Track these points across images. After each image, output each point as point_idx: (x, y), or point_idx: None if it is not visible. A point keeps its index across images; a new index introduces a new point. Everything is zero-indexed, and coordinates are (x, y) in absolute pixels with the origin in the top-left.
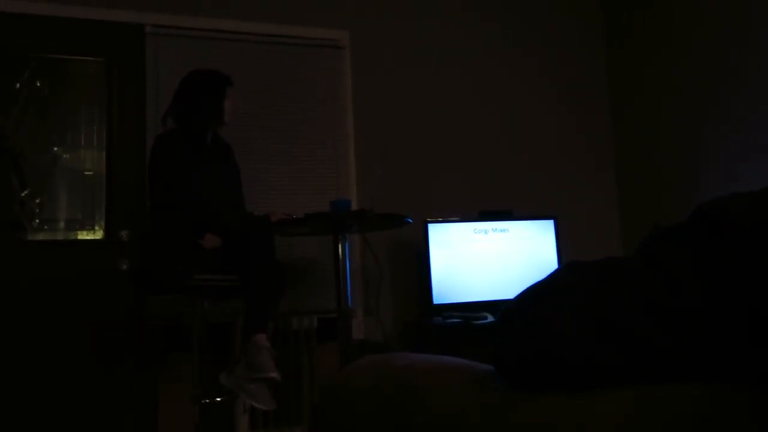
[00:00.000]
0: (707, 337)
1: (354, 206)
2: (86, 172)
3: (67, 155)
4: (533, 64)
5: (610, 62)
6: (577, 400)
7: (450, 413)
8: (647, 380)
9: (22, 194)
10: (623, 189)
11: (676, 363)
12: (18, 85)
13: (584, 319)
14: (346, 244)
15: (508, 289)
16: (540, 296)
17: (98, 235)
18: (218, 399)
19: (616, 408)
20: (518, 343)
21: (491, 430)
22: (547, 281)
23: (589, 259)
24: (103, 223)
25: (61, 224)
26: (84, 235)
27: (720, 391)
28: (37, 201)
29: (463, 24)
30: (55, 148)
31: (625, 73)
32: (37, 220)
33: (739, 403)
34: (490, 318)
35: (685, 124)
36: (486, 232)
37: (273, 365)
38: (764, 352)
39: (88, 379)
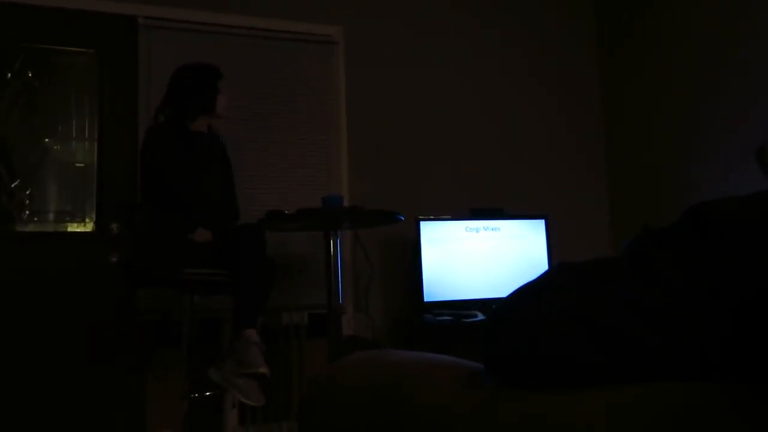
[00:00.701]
0: (696, 337)
1: (346, 203)
2: (77, 164)
3: (58, 147)
4: (527, 64)
5: (604, 63)
6: (568, 398)
7: (439, 410)
8: (638, 379)
9: (12, 185)
10: (614, 190)
11: (666, 362)
12: (8, 75)
13: (576, 319)
14: (338, 241)
15: (499, 288)
16: (532, 296)
17: (88, 227)
18: (207, 394)
19: (606, 406)
20: (509, 342)
21: (481, 426)
22: (538, 281)
23: (579, 259)
24: (93, 216)
25: (51, 216)
26: (74, 228)
27: (711, 389)
28: (27, 192)
29: (458, 23)
30: (46, 140)
31: (617, 73)
32: (27, 212)
33: (730, 401)
34: (481, 316)
35: (677, 126)
36: (477, 230)
37: (262, 360)
38: (750, 351)
39: (75, 372)
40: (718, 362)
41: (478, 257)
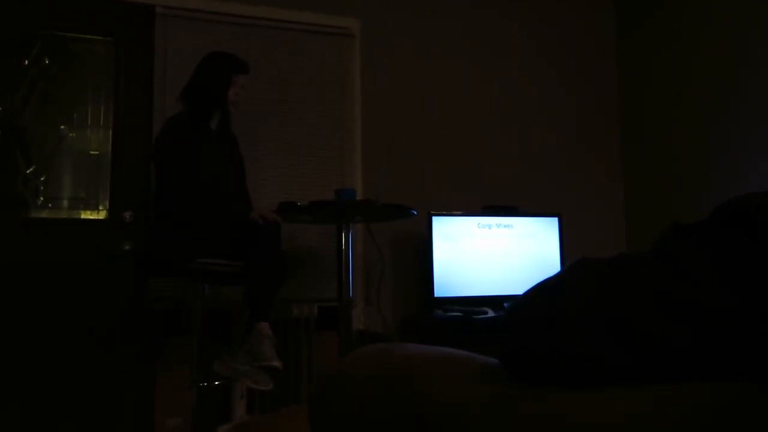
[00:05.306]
0: (734, 337)
1: (358, 196)
2: (92, 152)
3: (74, 134)
4: (545, 61)
5: (621, 59)
6: (589, 397)
7: (453, 405)
8: (660, 379)
9: (27, 171)
10: (630, 188)
11: (694, 362)
12: (26, 62)
13: (597, 315)
14: (350, 234)
15: (510, 285)
16: (552, 291)
17: (102, 215)
18: (216, 383)
19: (631, 405)
20: (527, 338)
21: (496, 423)
22: (559, 277)
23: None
24: (107, 203)
25: (65, 203)
26: (87, 215)
27: (744, 389)
28: (42, 179)
29: (474, 19)
30: (62, 127)
31: (635, 70)
32: (41, 198)
33: (764, 402)
34: (491, 313)
35: (695, 124)
36: (490, 227)
37: (275, 354)
38: None
39: (85, 360)
40: (759, 365)
41: (489, 254)
